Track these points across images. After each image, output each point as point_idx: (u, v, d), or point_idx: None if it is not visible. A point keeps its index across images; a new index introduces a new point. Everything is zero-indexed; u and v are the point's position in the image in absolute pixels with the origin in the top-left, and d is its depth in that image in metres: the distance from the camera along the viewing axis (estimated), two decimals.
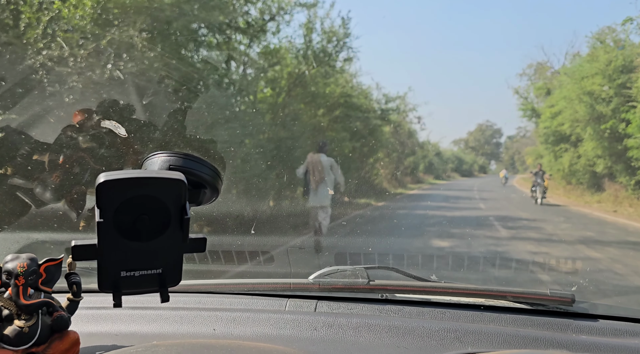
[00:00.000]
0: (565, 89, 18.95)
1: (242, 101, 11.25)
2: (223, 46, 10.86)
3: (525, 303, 1.11)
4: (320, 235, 6.86)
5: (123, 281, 0.57)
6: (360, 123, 18.62)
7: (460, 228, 9.11)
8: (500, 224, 9.82)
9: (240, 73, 11.33)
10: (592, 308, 1.11)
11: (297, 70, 11.97)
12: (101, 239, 0.54)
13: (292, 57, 12.23)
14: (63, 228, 2.73)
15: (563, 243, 7.62)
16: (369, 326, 0.98)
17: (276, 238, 6.97)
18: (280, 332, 0.98)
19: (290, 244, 6.87)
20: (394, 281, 1.23)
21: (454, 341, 0.92)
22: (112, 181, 0.52)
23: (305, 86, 12.33)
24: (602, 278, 5.00)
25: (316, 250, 6.52)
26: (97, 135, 1.12)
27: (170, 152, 0.61)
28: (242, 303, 1.18)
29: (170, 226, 0.56)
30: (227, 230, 5.53)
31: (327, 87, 14.43)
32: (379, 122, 20.72)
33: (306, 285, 1.21)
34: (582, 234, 8.75)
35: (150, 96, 4.03)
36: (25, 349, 0.75)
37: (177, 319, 1.04)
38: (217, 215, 5.36)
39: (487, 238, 7.89)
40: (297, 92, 12.18)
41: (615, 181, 18.68)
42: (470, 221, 10.52)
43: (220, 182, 0.65)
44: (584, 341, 0.93)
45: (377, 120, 20.35)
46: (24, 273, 0.73)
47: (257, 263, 3.24)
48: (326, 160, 6.75)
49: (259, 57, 11.77)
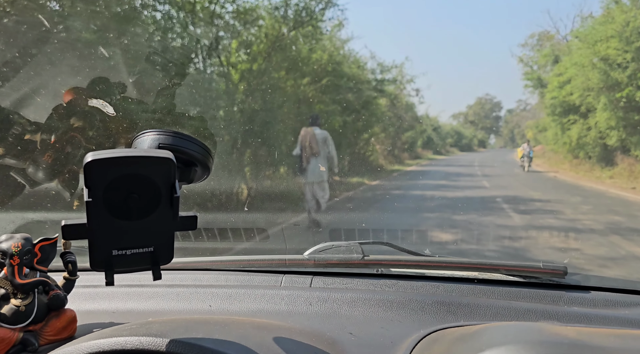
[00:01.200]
0: (576, 55, 17.20)
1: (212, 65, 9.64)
2: (187, 6, 9.21)
3: (518, 276, 1.10)
4: (319, 212, 6.63)
5: (115, 260, 0.57)
6: (352, 95, 16.95)
7: (465, 214, 7.65)
8: (511, 207, 8.35)
9: (211, 35, 9.68)
10: (584, 280, 1.10)
11: (275, 32, 10.31)
12: (91, 218, 0.53)
13: (270, 15, 10.54)
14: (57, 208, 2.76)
15: (592, 233, 6.16)
16: (364, 300, 0.98)
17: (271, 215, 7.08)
18: (276, 307, 0.98)
19: (287, 222, 6.72)
20: (388, 256, 1.22)
21: (447, 314, 0.92)
22: (99, 160, 0.51)
23: (285, 50, 10.68)
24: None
25: (314, 225, 6.32)
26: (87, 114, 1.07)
27: (160, 130, 0.59)
28: (238, 279, 1.17)
29: (160, 204, 0.56)
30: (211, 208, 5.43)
31: (313, 54, 12.76)
32: (373, 93, 19.02)
33: (301, 260, 1.20)
34: (609, 219, 7.29)
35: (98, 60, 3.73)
36: (22, 327, 0.76)
37: (173, 297, 1.04)
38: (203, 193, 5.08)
39: (499, 228, 6.41)
40: (277, 58, 10.55)
41: (629, 155, 17.16)
42: (475, 203, 9.06)
43: (211, 160, 0.64)
44: (575, 313, 0.93)
45: (372, 91, 18.64)
46: (19, 252, 0.75)
47: (253, 241, 3.26)
48: (320, 134, 6.42)
49: (231, 17, 10.09)
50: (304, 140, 6.50)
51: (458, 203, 9.17)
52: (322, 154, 6.48)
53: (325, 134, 6.60)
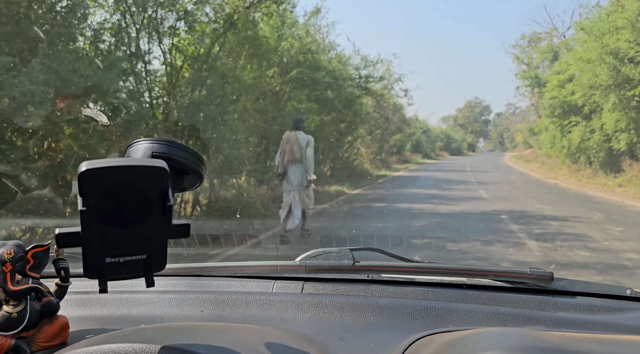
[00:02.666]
0: (582, 49, 15.38)
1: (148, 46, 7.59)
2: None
3: (506, 282, 1.10)
4: (305, 220, 6.32)
5: (108, 267, 0.57)
6: (332, 92, 14.95)
7: (464, 242, 5.69)
8: (522, 229, 6.41)
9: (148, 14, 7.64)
10: (570, 285, 1.10)
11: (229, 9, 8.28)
12: (84, 227, 0.54)
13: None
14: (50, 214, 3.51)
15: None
16: (355, 305, 0.97)
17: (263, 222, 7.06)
18: (267, 313, 0.97)
19: (277, 229, 6.48)
20: (379, 262, 1.22)
21: (436, 320, 0.92)
22: (93, 169, 0.51)
23: (243, 32, 8.66)
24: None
25: (301, 235, 6.16)
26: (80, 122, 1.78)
27: (154, 139, 0.60)
28: (230, 285, 1.15)
29: (153, 212, 0.56)
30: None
31: (281, 41, 10.76)
32: (357, 91, 17.04)
33: (293, 266, 1.18)
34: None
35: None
36: (14, 334, 0.75)
37: (165, 303, 1.02)
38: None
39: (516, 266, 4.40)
40: (232, 41, 8.52)
41: (638, 161, 15.40)
42: (474, 222, 7.12)
43: (203, 168, 0.65)
44: (561, 318, 0.94)
45: (355, 89, 16.64)
46: (11, 259, 0.74)
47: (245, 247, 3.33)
48: (303, 138, 6.08)
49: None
50: (285, 145, 6.06)
51: (454, 222, 7.20)
52: (305, 160, 6.10)
53: (309, 138, 6.13)
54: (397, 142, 30.69)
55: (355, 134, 19.93)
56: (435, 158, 47.02)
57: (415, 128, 40.26)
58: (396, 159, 31.06)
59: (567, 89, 17.26)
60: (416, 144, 40.86)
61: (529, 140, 45.56)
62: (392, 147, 29.79)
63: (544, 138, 25.54)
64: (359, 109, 18.31)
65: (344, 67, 16.53)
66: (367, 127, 22.88)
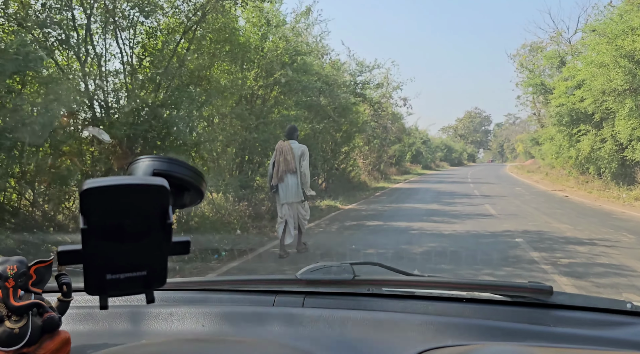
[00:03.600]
0: (591, 53, 14.22)
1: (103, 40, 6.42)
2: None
3: (506, 295, 1.07)
4: (301, 234, 5.91)
5: (109, 284, 0.57)
6: (325, 99, 13.79)
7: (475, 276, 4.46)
8: (545, 259, 5.18)
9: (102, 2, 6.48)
10: (570, 299, 1.08)
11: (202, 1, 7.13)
12: (86, 244, 0.54)
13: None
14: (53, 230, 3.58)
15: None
16: (355, 320, 0.97)
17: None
18: (268, 328, 0.97)
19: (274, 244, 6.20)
20: (379, 276, 1.22)
21: (436, 334, 0.91)
22: (95, 188, 0.52)
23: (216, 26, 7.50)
24: None
25: (285, 253, 5.64)
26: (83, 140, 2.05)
27: (155, 157, 0.62)
28: (231, 299, 1.15)
29: (154, 230, 0.57)
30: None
31: (265, 41, 9.61)
32: (352, 98, 15.88)
33: (294, 281, 1.17)
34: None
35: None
36: (16, 349, 0.75)
37: (166, 317, 1.02)
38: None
39: None
40: (202, 37, 7.36)
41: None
42: (485, 248, 5.88)
43: (204, 185, 0.65)
44: (560, 332, 0.92)
45: (350, 95, 15.46)
46: (14, 275, 0.74)
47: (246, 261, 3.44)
48: (297, 148, 5.74)
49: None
50: (278, 155, 5.73)
51: (460, 247, 5.97)
52: (299, 171, 5.73)
53: (304, 148, 5.80)
54: (396, 153, 29.47)
55: (352, 144, 18.70)
56: (436, 169, 45.81)
57: (415, 139, 39.07)
58: (395, 170, 29.84)
59: (575, 96, 16.09)
60: (416, 154, 39.65)
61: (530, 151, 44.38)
62: (391, 158, 28.55)
63: (548, 148, 24.30)
64: (355, 118, 17.11)
65: (338, 73, 15.37)
66: (365, 137, 21.65)
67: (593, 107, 14.89)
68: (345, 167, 18.98)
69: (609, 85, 12.92)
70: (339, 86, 14.54)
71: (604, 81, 13.09)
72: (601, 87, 13.28)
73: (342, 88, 14.96)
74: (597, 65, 13.55)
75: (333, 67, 15.35)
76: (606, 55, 12.91)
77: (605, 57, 12.95)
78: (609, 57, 12.82)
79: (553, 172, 25.78)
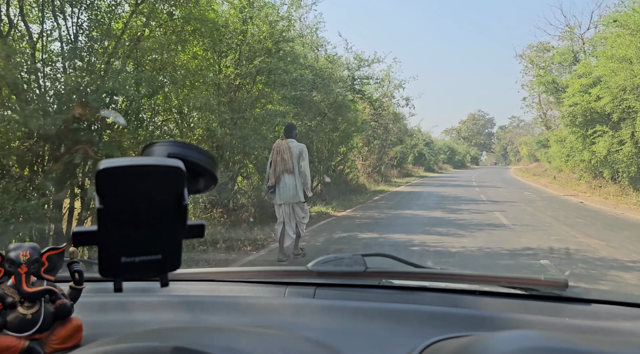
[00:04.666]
0: (615, 45, 12.87)
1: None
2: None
3: (520, 288, 1.06)
4: (298, 238, 5.69)
5: (123, 267, 0.56)
6: (319, 94, 12.51)
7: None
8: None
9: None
10: (585, 292, 1.04)
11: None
12: (101, 226, 0.53)
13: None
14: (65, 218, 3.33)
15: None
16: (366, 311, 0.96)
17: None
18: (279, 318, 0.96)
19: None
20: (390, 268, 1.21)
21: (448, 325, 0.88)
22: (111, 168, 0.51)
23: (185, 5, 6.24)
24: None
25: (287, 256, 5.46)
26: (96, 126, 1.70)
27: (170, 141, 0.60)
28: (243, 290, 1.15)
29: (169, 212, 0.55)
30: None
31: (247, 24, 8.33)
32: (349, 94, 14.59)
33: (305, 272, 1.17)
34: None
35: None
36: (28, 335, 0.74)
37: (178, 306, 1.01)
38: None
39: None
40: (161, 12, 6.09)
41: None
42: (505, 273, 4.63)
43: (218, 170, 0.63)
44: (576, 324, 0.89)
45: (346, 91, 14.17)
46: (27, 261, 0.73)
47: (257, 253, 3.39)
48: (296, 147, 5.51)
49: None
50: (276, 154, 5.48)
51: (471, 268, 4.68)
52: (297, 171, 5.46)
53: (302, 147, 5.56)
54: (398, 154, 28.12)
55: (350, 144, 17.39)
56: (439, 171, 44.46)
57: (418, 140, 37.72)
58: (397, 172, 28.51)
59: (591, 95, 14.76)
60: (418, 156, 38.31)
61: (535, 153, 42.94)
62: (392, 159, 27.21)
63: (557, 150, 22.94)
64: (354, 116, 15.79)
65: (334, 66, 14.09)
66: (364, 137, 20.36)
67: (611, 105, 13.55)
68: (342, 169, 17.68)
69: (632, 81, 11.59)
70: (334, 81, 13.26)
71: (626, 77, 11.75)
72: (622, 84, 11.95)
73: (339, 83, 13.67)
74: (618, 59, 12.22)
75: (328, 61, 14.06)
76: (630, 48, 11.59)
77: (629, 50, 11.62)
78: (633, 50, 11.49)
79: (561, 175, 24.40)
